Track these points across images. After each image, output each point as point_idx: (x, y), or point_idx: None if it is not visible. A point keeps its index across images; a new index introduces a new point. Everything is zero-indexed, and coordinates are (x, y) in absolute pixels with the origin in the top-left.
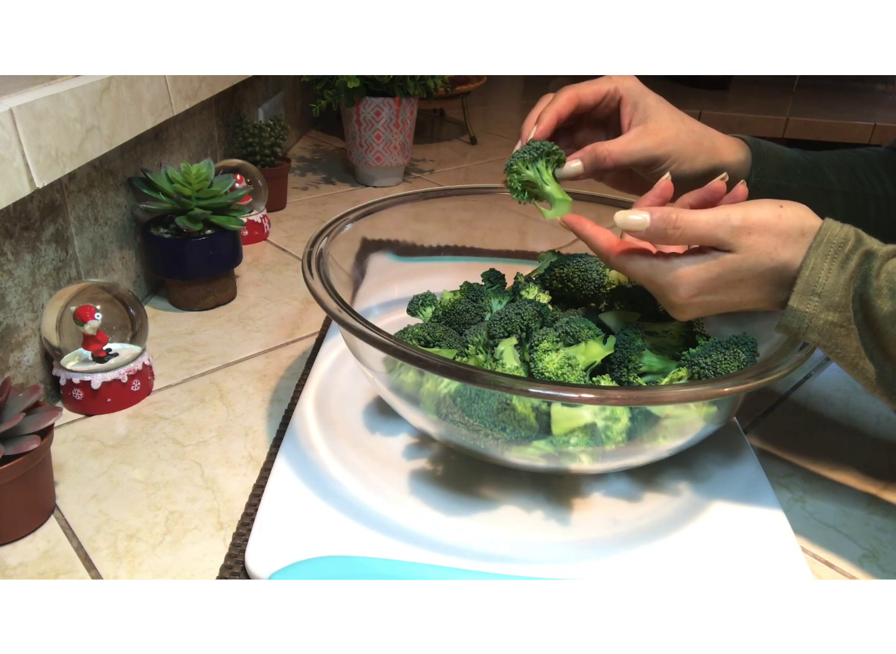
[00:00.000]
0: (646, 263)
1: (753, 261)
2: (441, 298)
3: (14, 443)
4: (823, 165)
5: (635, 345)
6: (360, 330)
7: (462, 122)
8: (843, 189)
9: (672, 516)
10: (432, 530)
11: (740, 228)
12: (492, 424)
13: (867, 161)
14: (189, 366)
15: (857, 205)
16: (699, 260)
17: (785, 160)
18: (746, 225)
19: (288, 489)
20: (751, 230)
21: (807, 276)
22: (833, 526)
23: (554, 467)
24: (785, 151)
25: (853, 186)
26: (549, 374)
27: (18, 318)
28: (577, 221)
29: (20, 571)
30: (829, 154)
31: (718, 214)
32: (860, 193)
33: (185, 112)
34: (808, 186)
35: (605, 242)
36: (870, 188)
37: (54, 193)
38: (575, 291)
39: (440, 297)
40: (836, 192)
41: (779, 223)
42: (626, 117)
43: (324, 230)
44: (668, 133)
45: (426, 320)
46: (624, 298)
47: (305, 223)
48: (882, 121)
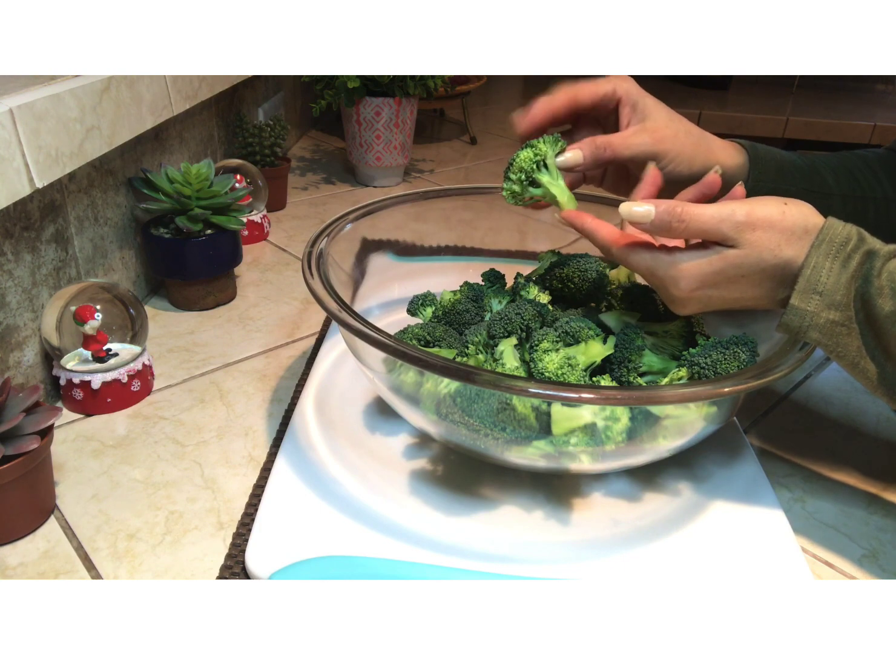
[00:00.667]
0: (648, 256)
1: (756, 257)
2: (441, 298)
3: (14, 443)
4: (821, 168)
5: (635, 345)
6: (360, 330)
7: (462, 122)
8: (842, 192)
9: (672, 516)
10: (432, 530)
11: (745, 224)
12: (492, 424)
13: (865, 163)
14: (189, 366)
15: (857, 208)
16: (702, 254)
17: (782, 164)
18: (751, 221)
19: (288, 489)
20: (755, 226)
21: (808, 274)
22: (833, 526)
23: (554, 467)
24: (782, 154)
25: (851, 189)
26: (549, 374)
27: (18, 318)
28: (578, 216)
29: (20, 571)
30: (827, 157)
31: (723, 209)
32: (859, 195)
33: (185, 112)
34: (805, 189)
35: (607, 235)
36: (868, 191)
37: (54, 193)
38: (575, 291)
39: (440, 297)
40: (835, 195)
41: (783, 220)
42: (625, 118)
43: (324, 230)
44: (666, 132)
45: (426, 320)
46: (624, 298)
47: (305, 223)
48: (882, 121)
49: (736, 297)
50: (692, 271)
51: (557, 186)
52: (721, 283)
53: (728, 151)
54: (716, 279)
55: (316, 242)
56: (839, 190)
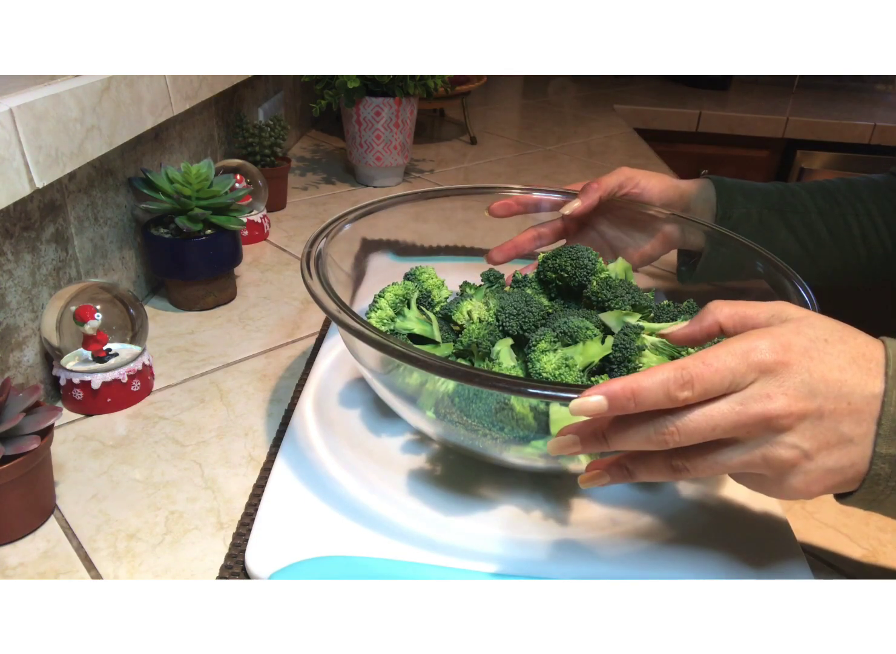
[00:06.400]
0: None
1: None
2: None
3: (14, 443)
4: (797, 190)
5: (634, 345)
6: (357, 329)
7: (462, 122)
8: (819, 210)
9: (671, 516)
10: (432, 531)
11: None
12: (490, 424)
13: (850, 186)
14: (189, 366)
15: (838, 223)
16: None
17: (749, 190)
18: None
19: (288, 489)
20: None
21: (893, 412)
22: (833, 526)
23: (553, 467)
24: (751, 183)
25: (830, 207)
26: (546, 374)
27: (18, 318)
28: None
29: (20, 571)
30: (808, 182)
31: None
32: (838, 212)
33: (185, 112)
34: (780, 210)
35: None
36: (849, 209)
37: (54, 193)
38: (568, 279)
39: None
40: (812, 212)
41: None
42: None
43: (323, 230)
44: (637, 171)
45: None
46: (616, 288)
47: (305, 223)
48: (882, 121)
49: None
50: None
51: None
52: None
53: (696, 184)
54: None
55: (315, 243)
56: (816, 208)
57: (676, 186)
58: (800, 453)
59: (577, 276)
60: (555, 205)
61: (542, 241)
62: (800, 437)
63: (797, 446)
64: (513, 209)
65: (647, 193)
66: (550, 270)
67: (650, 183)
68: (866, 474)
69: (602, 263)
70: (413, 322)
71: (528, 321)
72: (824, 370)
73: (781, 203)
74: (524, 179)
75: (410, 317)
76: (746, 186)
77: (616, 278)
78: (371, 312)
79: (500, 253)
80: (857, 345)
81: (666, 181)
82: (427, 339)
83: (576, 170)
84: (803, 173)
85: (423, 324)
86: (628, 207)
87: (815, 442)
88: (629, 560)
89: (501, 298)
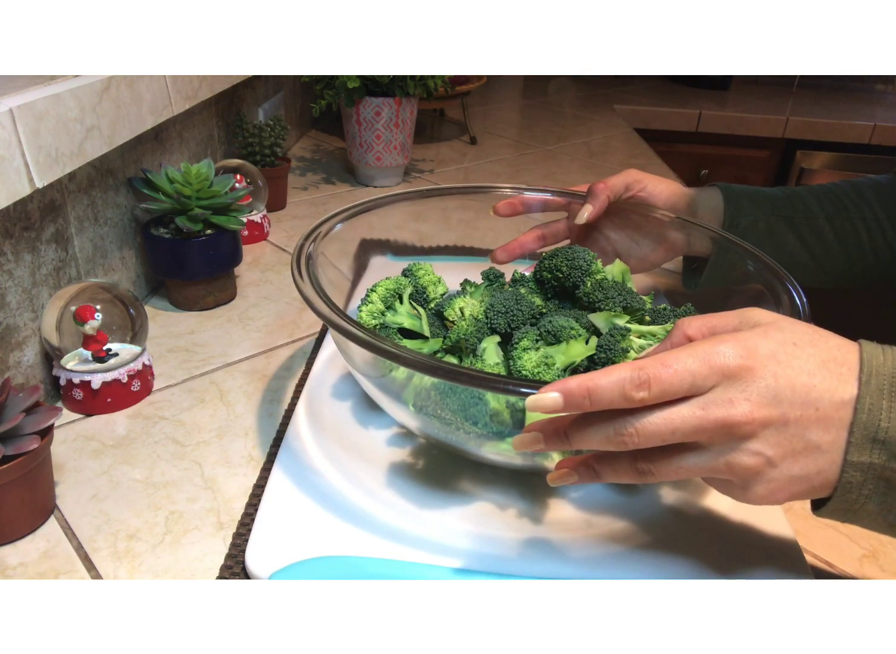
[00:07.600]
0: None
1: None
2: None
3: (14, 443)
4: (804, 195)
5: (619, 347)
6: (325, 314)
7: (462, 122)
8: (827, 215)
9: (671, 515)
10: (432, 531)
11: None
12: (464, 417)
13: (855, 188)
14: (189, 366)
15: (845, 227)
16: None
17: (755, 196)
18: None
19: (288, 489)
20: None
21: (865, 420)
22: (833, 526)
23: (530, 464)
24: (758, 189)
25: (837, 212)
26: (525, 372)
27: (18, 318)
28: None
29: (20, 571)
30: (814, 186)
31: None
32: (845, 217)
33: (185, 112)
34: (788, 216)
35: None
36: (856, 213)
37: (54, 193)
38: (564, 279)
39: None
40: (820, 217)
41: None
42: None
43: (315, 229)
44: (644, 173)
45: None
46: (610, 289)
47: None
48: (882, 121)
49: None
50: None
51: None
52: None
53: (704, 191)
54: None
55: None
56: (824, 213)
57: (684, 193)
58: (763, 460)
59: (572, 276)
60: (559, 206)
61: (546, 241)
62: (763, 444)
63: (760, 453)
64: (518, 209)
65: (654, 198)
66: (546, 270)
67: (658, 188)
68: (837, 482)
69: (599, 264)
70: (403, 317)
71: (516, 319)
72: (791, 375)
73: (789, 209)
74: (524, 179)
75: (401, 312)
76: (754, 192)
77: (611, 280)
78: (362, 306)
79: (505, 253)
80: (828, 348)
81: (673, 187)
82: (418, 334)
83: (576, 170)
84: (803, 173)
85: (413, 319)
86: (634, 210)
87: (780, 449)
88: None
89: (493, 296)
